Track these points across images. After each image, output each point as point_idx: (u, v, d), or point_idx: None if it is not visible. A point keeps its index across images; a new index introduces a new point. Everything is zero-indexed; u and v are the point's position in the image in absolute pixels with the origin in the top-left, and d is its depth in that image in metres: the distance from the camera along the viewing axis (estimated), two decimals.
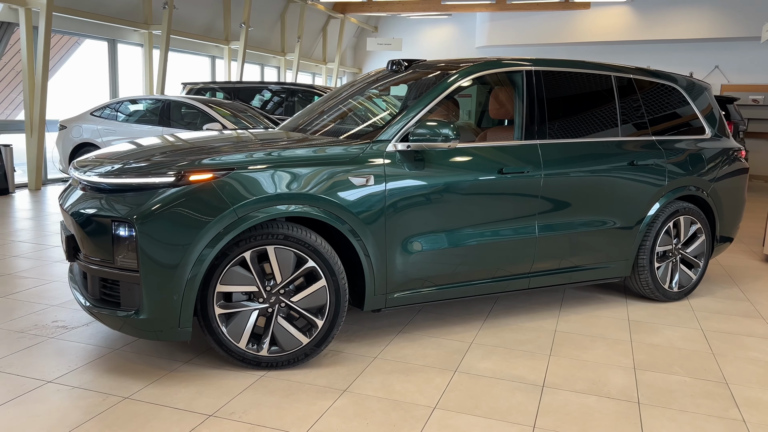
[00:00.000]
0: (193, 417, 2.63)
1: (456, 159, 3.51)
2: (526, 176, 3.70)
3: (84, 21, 10.52)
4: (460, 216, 3.51)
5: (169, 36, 11.63)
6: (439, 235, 3.46)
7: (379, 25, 22.25)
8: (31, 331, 3.53)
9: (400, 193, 3.31)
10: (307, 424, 2.60)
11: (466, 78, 3.67)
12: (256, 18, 15.19)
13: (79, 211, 3.01)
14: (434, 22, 20.87)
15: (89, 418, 2.58)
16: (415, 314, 4.03)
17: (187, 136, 3.81)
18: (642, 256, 4.30)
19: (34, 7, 8.98)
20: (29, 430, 2.48)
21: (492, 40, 18.81)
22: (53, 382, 2.91)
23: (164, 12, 11.42)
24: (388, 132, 3.39)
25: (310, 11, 17.45)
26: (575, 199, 3.92)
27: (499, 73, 3.90)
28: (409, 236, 3.36)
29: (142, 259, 2.82)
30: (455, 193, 3.47)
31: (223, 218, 2.88)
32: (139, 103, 9.44)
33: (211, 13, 13.68)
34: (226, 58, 14.38)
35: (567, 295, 4.57)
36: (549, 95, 3.96)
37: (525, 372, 3.20)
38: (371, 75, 4.35)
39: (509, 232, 3.69)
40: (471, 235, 3.56)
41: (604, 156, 4.06)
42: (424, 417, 2.70)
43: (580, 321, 4.02)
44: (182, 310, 2.88)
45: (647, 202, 4.21)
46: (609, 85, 4.27)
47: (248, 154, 3.07)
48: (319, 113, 4.15)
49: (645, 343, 3.68)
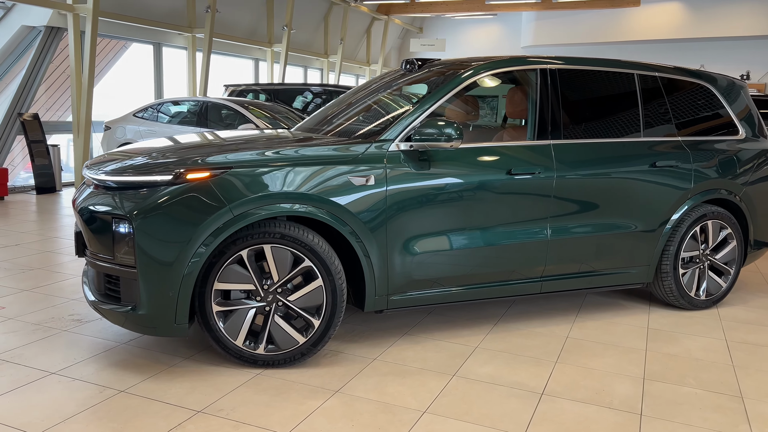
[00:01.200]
0: (182, 412, 2.66)
1: (461, 159, 3.44)
2: (537, 177, 3.60)
3: (130, 25, 10.88)
4: (465, 218, 3.44)
5: (211, 39, 11.90)
6: (443, 237, 3.40)
7: (423, 26, 22.21)
8: (47, 323, 3.66)
9: (403, 194, 3.27)
10: (292, 424, 2.59)
11: (475, 77, 3.60)
12: (299, 21, 15.38)
13: (84, 207, 3.10)
14: (479, 22, 20.67)
15: (82, 410, 2.65)
16: (423, 316, 3.97)
17: (200, 135, 3.87)
18: (665, 261, 4.12)
19: (81, 12, 9.34)
20: (23, 418, 2.56)
21: (538, 39, 18.50)
22: (57, 373, 3.00)
23: (207, 16, 11.70)
24: (391, 132, 3.35)
25: (353, 13, 17.55)
26: (591, 202, 3.79)
27: (512, 71, 3.81)
28: (412, 237, 3.31)
29: (138, 256, 2.87)
30: (460, 195, 3.41)
31: (218, 216, 2.90)
32: (178, 105, 9.69)
33: (254, 17, 13.93)
34: (268, 60, 14.62)
35: (587, 300, 4.43)
36: (565, 94, 3.85)
37: (526, 378, 3.11)
38: (387, 75, 4.33)
39: (518, 234, 3.60)
40: (477, 237, 3.49)
41: (623, 157, 3.91)
42: (411, 421, 2.65)
43: (595, 328, 3.88)
44: (178, 307, 2.93)
45: (670, 206, 4.03)
46: (631, 84, 4.11)
47: (247, 154, 3.10)
48: (332, 114, 4.15)
49: (661, 352, 3.52)
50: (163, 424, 2.56)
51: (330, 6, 16.44)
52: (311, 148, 3.25)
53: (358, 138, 3.39)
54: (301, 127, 4.17)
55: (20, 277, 4.61)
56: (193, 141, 3.58)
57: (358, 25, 18.48)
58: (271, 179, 3.01)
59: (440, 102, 3.48)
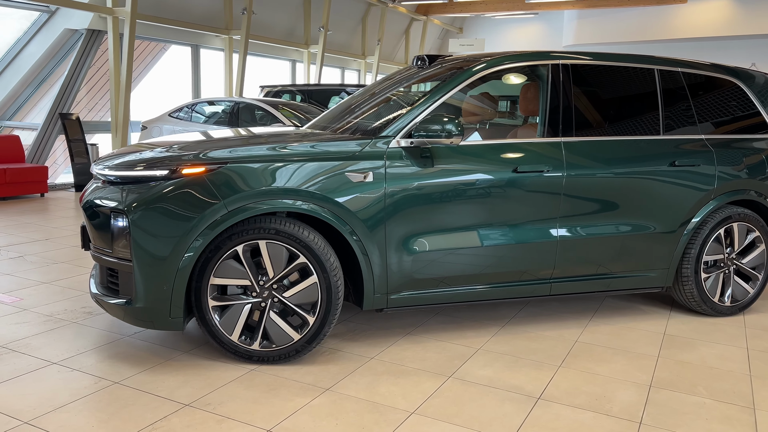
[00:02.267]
0: (170, 405, 2.68)
1: (464, 157, 3.37)
2: (546, 176, 3.49)
3: (169, 28, 11.13)
4: (467, 217, 3.36)
5: (247, 41, 12.08)
6: (444, 236, 3.34)
7: (464, 26, 22.04)
8: (59, 315, 3.76)
9: (403, 191, 3.22)
10: (275, 421, 2.58)
11: (480, 73, 3.52)
12: (336, 22, 15.47)
13: (87, 201, 3.16)
14: (520, 21, 20.38)
15: (74, 400, 2.70)
16: (430, 317, 3.91)
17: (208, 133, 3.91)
18: (686, 264, 3.94)
19: (120, 15, 9.61)
20: (16, 406, 2.62)
21: (580, 38, 18.12)
22: (58, 363, 3.07)
23: (243, 17, 11.87)
24: (392, 128, 3.31)
25: (391, 14, 17.55)
26: (603, 202, 3.66)
27: (521, 67, 3.71)
28: (412, 236, 3.26)
29: (134, 249, 2.91)
30: (462, 193, 3.33)
31: (213, 211, 2.92)
32: (212, 105, 9.86)
33: (291, 19, 14.08)
34: (305, 61, 14.74)
35: (604, 304, 4.28)
36: (578, 90, 3.73)
37: (524, 382, 3.02)
38: (400, 72, 4.28)
39: (524, 234, 3.50)
40: (480, 236, 3.40)
41: (639, 156, 3.75)
42: (397, 421, 2.60)
43: (608, 332, 3.74)
44: (173, 301, 2.95)
45: (691, 207, 3.85)
46: (651, 80, 3.95)
47: (243, 149, 3.10)
48: (342, 111, 4.12)
49: (674, 359, 3.36)
50: (149, 416, 2.58)
51: (368, 7, 16.48)
52: (310, 144, 3.23)
53: (359, 135, 3.36)
54: (313, 125, 4.17)
55: (44, 270, 4.75)
56: (202, 137, 3.61)
57: (396, 25, 18.46)
58: (266, 175, 3.01)
59: (443, 99, 3.41)
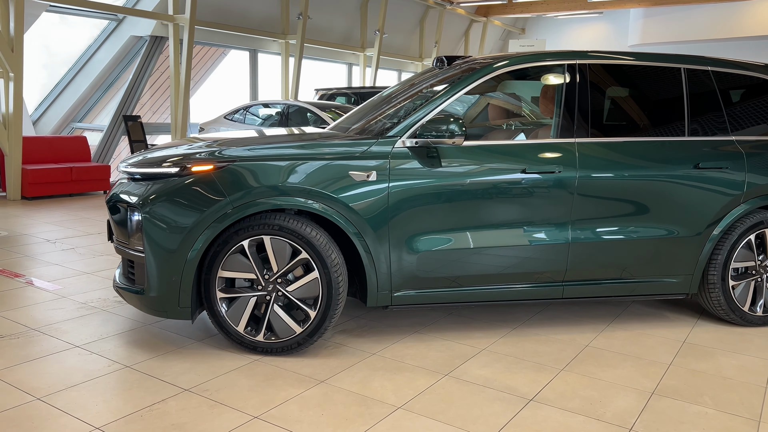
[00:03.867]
0: (170, 389, 2.83)
1: (471, 157, 3.38)
2: (556, 177, 3.45)
3: (228, 33, 11.57)
4: (473, 217, 3.37)
5: (302, 45, 12.38)
6: (449, 236, 3.36)
7: (526, 27, 21.71)
8: (92, 303, 4.02)
9: (407, 191, 3.26)
10: (264, 408, 2.68)
11: (491, 74, 3.51)
12: (394, 25, 15.60)
13: (110, 196, 3.38)
14: (584, 21, 19.89)
15: (86, 380, 2.90)
16: (442, 316, 3.93)
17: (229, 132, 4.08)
18: (712, 271, 3.79)
19: (180, 22, 10.08)
20: (34, 384, 2.84)
21: (646, 37, 17.52)
22: (80, 347, 3.30)
23: (299, 22, 12.18)
24: (399, 129, 3.36)
25: (450, 16, 17.52)
26: (619, 205, 3.57)
27: (536, 68, 3.68)
28: (416, 235, 3.30)
29: (146, 242, 3.10)
30: (468, 193, 3.34)
31: (219, 207, 3.06)
32: (265, 108, 10.18)
33: (348, 23, 14.32)
34: (361, 64, 14.95)
35: (628, 310, 4.16)
36: (595, 91, 3.66)
37: (520, 384, 3.00)
38: (422, 73, 4.32)
39: (533, 235, 3.47)
40: (486, 237, 3.40)
41: (660, 157, 3.64)
42: (381, 415, 2.65)
43: (623, 338, 3.65)
44: (181, 291, 3.12)
45: (717, 211, 3.70)
46: (676, 79, 3.82)
47: (252, 149, 3.23)
48: (363, 112, 4.21)
49: (686, 368, 3.25)
50: (149, 398, 2.74)
51: (426, 9, 16.53)
52: (317, 144, 3.33)
53: (366, 135, 3.43)
54: (335, 126, 4.27)
55: (89, 262, 5.07)
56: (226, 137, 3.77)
57: (455, 27, 18.42)
58: (271, 173, 3.13)
59: (451, 99, 3.44)
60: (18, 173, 8.25)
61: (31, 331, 3.50)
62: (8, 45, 7.84)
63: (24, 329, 3.52)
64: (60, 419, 2.53)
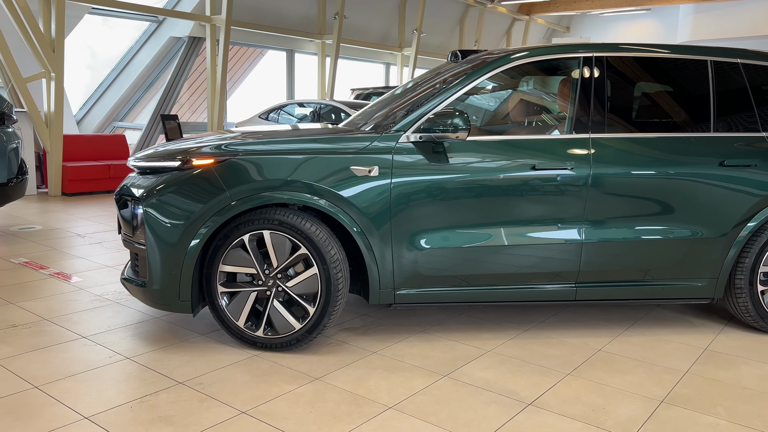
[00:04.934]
0: (165, 382, 2.84)
1: (479, 152, 3.29)
2: (569, 174, 3.32)
3: (265, 34, 11.71)
4: (479, 214, 3.27)
5: (338, 45, 12.41)
6: (454, 233, 3.27)
7: (571, 25, 21.26)
8: (107, 296, 4.09)
9: (410, 186, 3.19)
10: (254, 404, 2.65)
11: (499, 68, 3.40)
12: (433, 24, 15.50)
13: (117, 190, 3.43)
14: (631, 18, 19.33)
15: (86, 371, 2.93)
16: (452, 316, 3.83)
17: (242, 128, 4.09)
18: (739, 275, 3.58)
19: (217, 23, 10.24)
20: (35, 372, 2.90)
21: (696, 34, 16.89)
22: (86, 338, 3.35)
23: (335, 22, 12.22)
24: (403, 123, 3.29)
25: (491, 15, 17.30)
26: (636, 204, 3.41)
27: (548, 61, 3.55)
28: (419, 232, 3.22)
29: (147, 234, 3.12)
30: (474, 190, 3.25)
31: (218, 201, 3.06)
32: (297, 107, 10.24)
33: (386, 23, 14.29)
34: (398, 64, 14.90)
35: (651, 314, 3.98)
36: (612, 85, 3.51)
37: (522, 387, 2.88)
38: (439, 68, 4.24)
39: (543, 234, 3.34)
40: (492, 235, 3.30)
41: (681, 154, 3.46)
42: (370, 414, 2.59)
43: (640, 343, 3.48)
44: (181, 285, 3.13)
45: (744, 212, 3.49)
46: (703, 72, 3.63)
47: (254, 144, 3.21)
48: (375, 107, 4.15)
49: (703, 376, 3.07)
50: (142, 390, 2.75)
51: (466, 8, 16.36)
52: (320, 139, 3.29)
53: (370, 130, 3.37)
54: (348, 122, 4.23)
55: (112, 256, 5.18)
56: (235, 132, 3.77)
57: (496, 26, 18.17)
58: (270, 168, 3.11)
59: (458, 93, 3.35)
60: (59, 170, 8.52)
61: (43, 321, 3.58)
62: (50, 46, 8.11)
63: (37, 319, 3.60)
64: (52, 408, 2.57)
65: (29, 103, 8.17)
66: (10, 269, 4.69)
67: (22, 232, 6.06)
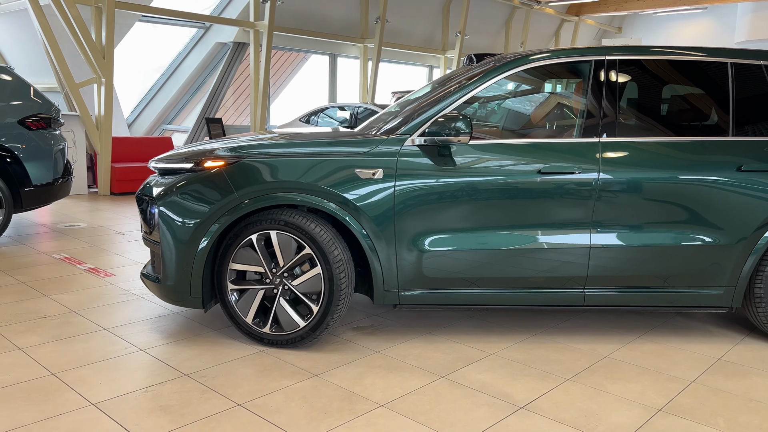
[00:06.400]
0: (171, 373, 2.98)
1: (484, 156, 3.30)
2: (576, 178, 3.30)
3: (309, 39, 11.94)
4: (483, 218, 3.29)
5: (380, 48, 12.53)
6: (458, 236, 3.29)
7: (623, 26, 20.75)
8: (133, 290, 4.30)
9: (414, 189, 3.24)
10: (251, 397, 2.76)
11: (504, 73, 3.41)
12: (478, 27, 15.43)
13: (138, 190, 3.61)
14: (686, 17, 18.72)
15: (100, 360, 3.11)
16: (462, 319, 3.85)
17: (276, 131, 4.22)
18: (758, 284, 3.47)
19: (260, 28, 10.52)
20: (54, 360, 3.09)
21: (755, 33, 16.23)
22: (107, 329, 3.54)
23: (377, 26, 12.34)
24: (409, 126, 3.35)
25: (538, 16, 17.09)
26: (648, 209, 3.35)
27: (559, 64, 3.53)
28: (423, 234, 3.27)
29: (161, 232, 3.28)
30: (479, 193, 3.27)
31: (228, 201, 3.19)
32: (335, 111, 10.41)
33: (429, 25, 14.32)
34: (442, 67, 14.90)
35: (668, 322, 3.89)
36: (624, 89, 3.47)
37: (517, 391, 2.89)
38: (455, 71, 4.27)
39: (549, 238, 3.33)
40: (497, 239, 3.31)
41: (694, 159, 3.38)
42: (361, 411, 2.65)
43: (650, 351, 3.42)
44: (192, 281, 3.27)
45: (763, 218, 3.38)
46: (722, 75, 3.53)
47: (265, 147, 3.33)
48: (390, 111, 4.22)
49: (709, 386, 3.00)
50: (148, 380, 2.90)
51: (512, 10, 16.21)
52: (328, 142, 3.37)
53: (383, 133, 3.42)
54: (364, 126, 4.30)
55: (146, 253, 5.42)
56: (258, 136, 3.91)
57: (544, 28, 17.92)
58: (278, 170, 3.21)
59: (465, 98, 3.38)
60: (108, 171, 8.93)
61: (71, 313, 3.80)
62: (100, 53, 8.52)
63: (66, 311, 3.83)
64: (64, 394, 2.74)
65: (81, 107, 8.61)
66: (50, 264, 4.97)
67: (68, 229, 6.40)
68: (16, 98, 5.77)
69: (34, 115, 5.79)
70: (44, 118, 5.86)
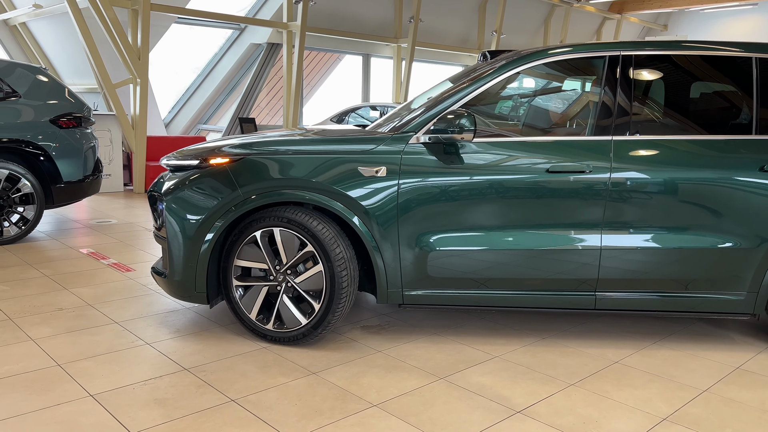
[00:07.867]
0: (172, 367, 3.02)
1: (491, 154, 3.24)
2: (586, 178, 3.20)
3: (342, 39, 11.98)
4: (489, 217, 3.22)
5: (413, 48, 12.48)
6: (463, 236, 3.23)
7: (669, 23, 20.15)
8: (150, 286, 4.38)
9: (418, 188, 3.20)
10: (245, 393, 2.77)
11: (515, 68, 3.34)
12: (515, 25, 15.23)
13: (150, 187, 3.67)
14: (735, 14, 18.05)
15: (107, 353, 3.17)
16: (471, 320, 3.79)
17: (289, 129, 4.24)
18: None
19: (293, 29, 10.61)
20: (63, 352, 3.17)
21: None
22: (118, 323, 3.61)
23: (410, 26, 12.30)
24: (414, 123, 3.31)
25: (579, 14, 16.75)
26: (662, 210, 3.22)
27: (572, 60, 3.43)
28: (426, 233, 3.22)
29: (167, 228, 3.33)
30: (485, 192, 3.20)
31: (231, 198, 3.21)
32: (369, 110, 10.41)
33: (465, 25, 14.20)
34: None
35: (689, 329, 3.74)
36: (639, 85, 3.36)
37: (517, 395, 2.81)
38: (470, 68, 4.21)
39: (557, 239, 3.24)
40: (503, 239, 3.24)
41: (715, 158, 3.24)
42: (353, 411, 2.62)
43: (664, 357, 3.29)
44: (197, 276, 3.30)
45: None
46: (745, 71, 3.38)
47: (270, 144, 3.34)
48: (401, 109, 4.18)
49: (723, 396, 2.86)
50: (149, 374, 2.94)
51: (551, 8, 15.93)
52: (333, 140, 3.36)
53: (382, 131, 3.40)
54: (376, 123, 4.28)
55: None
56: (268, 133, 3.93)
57: (585, 26, 17.55)
58: (281, 167, 3.22)
59: (472, 95, 3.32)
60: (142, 169, 9.16)
61: (87, 306, 3.89)
62: (136, 54, 8.74)
63: (82, 304, 3.92)
64: (65, 384, 2.80)
65: (117, 107, 8.85)
66: (76, 258, 5.12)
67: (99, 225, 6.58)
68: (52, 98, 5.96)
69: (67, 114, 5.97)
70: (76, 117, 6.04)
